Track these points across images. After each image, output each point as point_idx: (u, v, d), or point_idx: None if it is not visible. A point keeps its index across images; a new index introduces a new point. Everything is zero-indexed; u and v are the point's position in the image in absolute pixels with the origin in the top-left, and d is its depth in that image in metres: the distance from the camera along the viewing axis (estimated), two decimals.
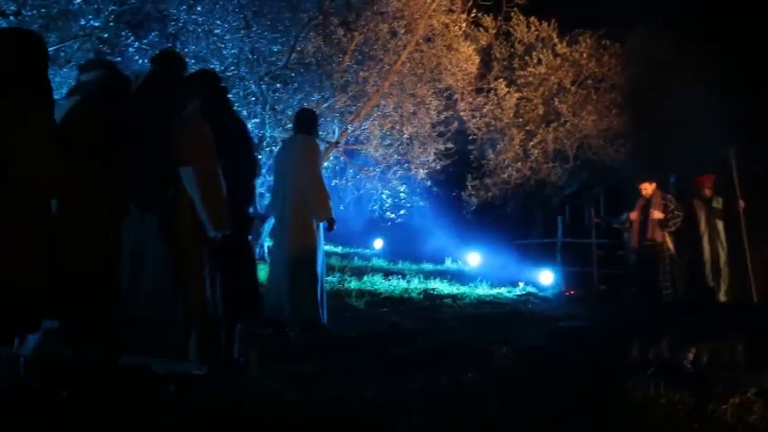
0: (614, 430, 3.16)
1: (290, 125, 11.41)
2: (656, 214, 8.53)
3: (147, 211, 3.73)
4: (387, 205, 13.47)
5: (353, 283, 9.58)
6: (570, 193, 16.70)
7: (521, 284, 11.40)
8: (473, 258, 14.98)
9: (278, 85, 11.11)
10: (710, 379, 3.80)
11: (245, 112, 10.96)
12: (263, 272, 9.58)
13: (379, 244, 17.32)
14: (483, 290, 10.49)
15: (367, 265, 12.58)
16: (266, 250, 11.80)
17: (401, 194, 13.53)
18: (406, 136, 12.41)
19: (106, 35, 9.31)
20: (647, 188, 8.83)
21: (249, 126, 11.10)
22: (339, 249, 15.03)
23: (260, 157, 11.25)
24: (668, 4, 13.77)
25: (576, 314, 8.47)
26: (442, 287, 10.27)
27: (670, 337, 4.14)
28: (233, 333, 4.27)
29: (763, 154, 10.38)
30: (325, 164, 11.97)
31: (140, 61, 9.82)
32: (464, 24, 12.29)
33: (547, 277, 12.00)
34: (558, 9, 14.62)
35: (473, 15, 12.76)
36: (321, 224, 6.08)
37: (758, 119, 11.68)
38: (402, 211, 13.59)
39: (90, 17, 8.92)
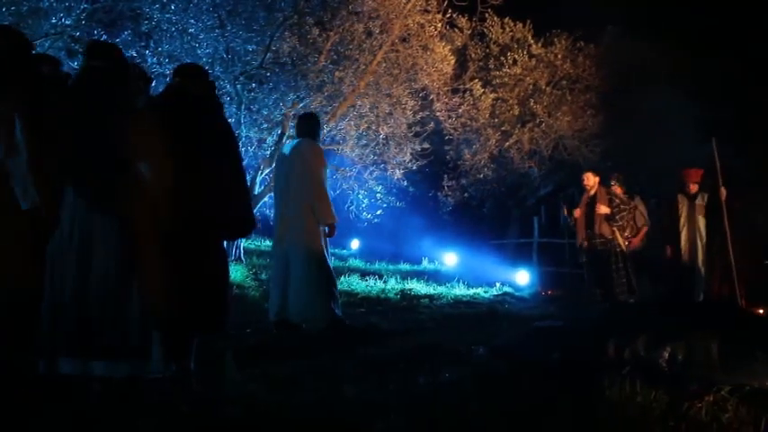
0: (592, 429, 3.17)
1: (265, 125, 11.37)
2: (603, 209, 8.33)
3: (98, 207, 3.54)
4: (363, 205, 13.43)
5: None
6: (546, 193, 16.83)
7: (497, 284, 11.45)
8: (450, 258, 15.05)
9: (253, 85, 11.05)
10: (686, 377, 3.84)
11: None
12: (239, 272, 9.55)
13: (355, 244, 17.31)
14: (460, 290, 10.51)
15: (344, 266, 12.56)
16: (242, 251, 11.73)
17: (377, 195, 13.51)
18: (382, 136, 12.40)
19: (78, 33, 9.17)
20: (590, 178, 8.59)
21: None
22: None
23: None
24: (641, 6, 13.94)
25: (553, 314, 8.52)
26: (419, 287, 10.28)
27: (646, 336, 4.17)
28: (190, 341, 3.95)
29: (735, 154, 10.53)
30: None
31: None
32: (439, 25, 12.29)
33: (523, 277, 12.08)
34: (532, 10, 14.72)
35: (448, 16, 12.76)
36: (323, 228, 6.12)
37: (731, 119, 11.85)
38: (378, 212, 13.56)
39: (61, 15, 8.79)
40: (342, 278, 10.24)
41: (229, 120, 10.85)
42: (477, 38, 14.87)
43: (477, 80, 14.19)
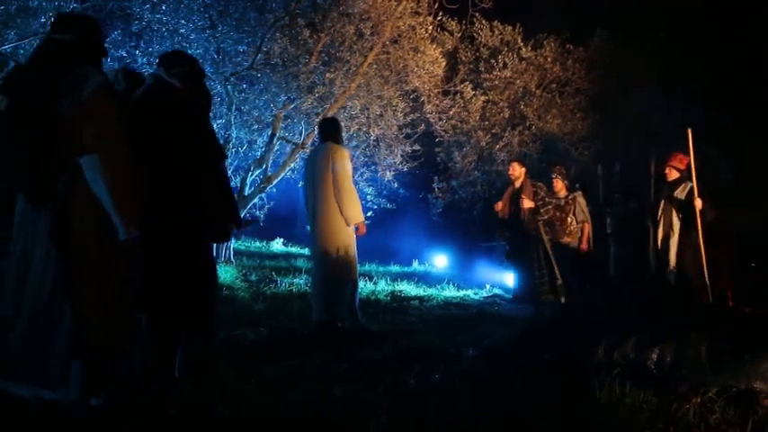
0: (582, 430, 3.19)
1: (256, 126, 11.35)
2: (527, 203, 8.07)
3: (39, 212, 3.19)
4: None
5: None
6: None
7: (487, 286, 11.46)
8: (440, 260, 15.07)
9: (244, 86, 11.04)
10: (674, 379, 3.87)
11: (210, 113, 10.83)
12: (229, 273, 9.53)
13: None
14: (450, 292, 10.51)
15: None
16: (232, 252, 11.71)
17: (368, 196, 13.53)
18: (372, 138, 12.42)
19: None
20: (515, 168, 8.29)
21: (215, 127, 11.01)
22: (306, 251, 14.97)
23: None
24: (630, 9, 14.02)
25: (543, 315, 8.51)
26: (409, 289, 10.28)
27: (636, 337, 4.20)
28: (174, 348, 3.76)
29: (725, 156, 10.60)
30: (292, 165, 11.92)
31: (104, 61, 9.64)
32: (430, 27, 12.30)
33: (513, 279, 12.08)
34: (521, 13, 14.76)
35: (439, 19, 12.78)
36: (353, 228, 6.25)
37: (720, 121, 11.90)
38: (369, 213, 13.57)
39: (51, 14, 8.73)
40: None
41: (219, 120, 10.87)
42: (468, 41, 14.90)
43: (467, 83, 14.21)
